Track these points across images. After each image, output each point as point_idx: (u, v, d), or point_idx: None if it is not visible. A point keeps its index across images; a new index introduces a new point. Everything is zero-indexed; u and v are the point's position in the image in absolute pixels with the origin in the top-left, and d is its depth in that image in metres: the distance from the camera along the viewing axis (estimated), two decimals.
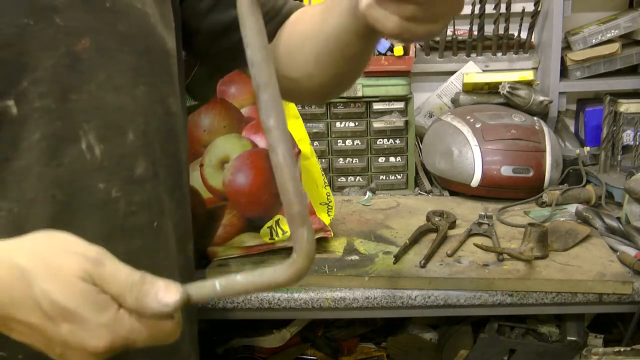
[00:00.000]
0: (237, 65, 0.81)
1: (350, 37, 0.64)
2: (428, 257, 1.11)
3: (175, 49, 0.72)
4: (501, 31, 1.62)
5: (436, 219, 1.25)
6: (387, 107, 1.51)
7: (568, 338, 1.19)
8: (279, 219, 1.13)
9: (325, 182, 1.23)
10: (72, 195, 0.60)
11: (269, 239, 1.13)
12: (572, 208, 1.33)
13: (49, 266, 0.48)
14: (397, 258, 1.12)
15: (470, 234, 1.22)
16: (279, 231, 1.12)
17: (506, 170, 1.38)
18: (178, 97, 0.72)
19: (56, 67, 0.59)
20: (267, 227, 1.12)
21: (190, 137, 1.13)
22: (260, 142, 1.13)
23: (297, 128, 1.17)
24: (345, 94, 1.49)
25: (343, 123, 1.52)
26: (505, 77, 1.54)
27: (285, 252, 1.15)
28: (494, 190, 1.41)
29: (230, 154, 1.12)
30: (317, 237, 1.16)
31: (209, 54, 0.83)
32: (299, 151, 1.14)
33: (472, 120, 1.44)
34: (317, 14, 0.71)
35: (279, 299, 1.07)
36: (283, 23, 0.78)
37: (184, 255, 0.77)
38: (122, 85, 0.63)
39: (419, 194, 1.53)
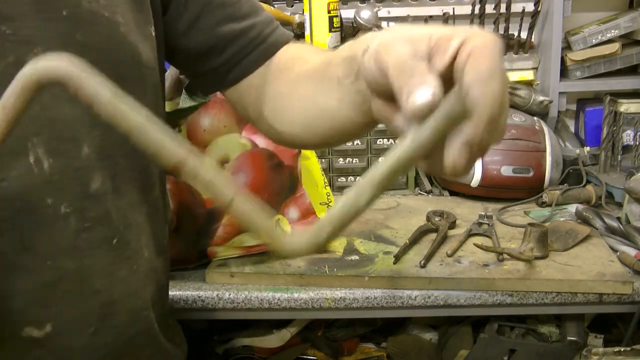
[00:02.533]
0: (219, 88, 0.77)
1: (352, 125, 0.59)
2: (428, 257, 1.11)
3: (154, 59, 0.68)
4: (501, 31, 1.62)
5: (436, 219, 1.25)
6: None
7: (568, 338, 1.19)
8: (279, 219, 1.13)
9: (325, 182, 1.24)
10: (18, 212, 0.57)
11: None
12: (572, 208, 1.33)
13: None
14: (397, 258, 1.12)
15: (470, 234, 1.22)
16: (280, 231, 1.12)
17: (506, 170, 1.38)
18: (153, 109, 0.67)
19: (3, 77, 0.55)
20: None
21: (190, 137, 1.13)
22: (261, 142, 1.13)
23: None
24: None
25: None
26: None
27: None
28: (494, 190, 1.41)
29: (230, 154, 1.12)
30: None
31: (191, 74, 0.81)
32: (300, 151, 1.14)
33: None
34: (315, 75, 0.64)
35: (279, 299, 1.07)
36: (270, 54, 0.74)
37: (158, 269, 0.73)
38: None
39: (419, 194, 1.53)
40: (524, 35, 1.63)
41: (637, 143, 1.48)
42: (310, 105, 0.65)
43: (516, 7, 1.60)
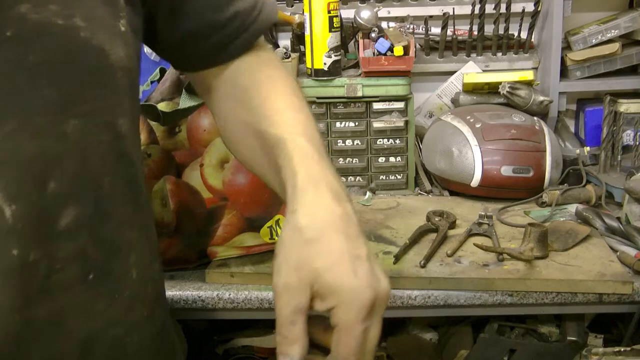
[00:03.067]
0: (197, 68, 0.76)
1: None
2: (428, 257, 1.11)
3: (128, 56, 0.60)
4: (501, 31, 1.62)
5: (436, 219, 1.25)
6: (387, 107, 1.51)
7: (568, 338, 1.19)
8: (279, 219, 1.13)
9: None
10: None
11: (269, 239, 1.13)
12: (572, 208, 1.33)
13: None
14: (397, 258, 1.12)
15: (470, 234, 1.22)
16: (279, 231, 1.12)
17: (506, 170, 1.38)
18: (130, 114, 0.62)
19: None
20: (267, 227, 1.13)
21: (190, 137, 1.13)
22: None
23: None
24: (345, 94, 1.49)
25: (343, 123, 1.52)
26: (505, 77, 1.54)
27: None
28: (494, 190, 1.41)
29: (230, 154, 1.12)
30: None
31: (171, 56, 0.77)
32: None
33: (472, 120, 1.44)
34: (258, 142, 0.69)
35: None
36: (250, 44, 0.74)
37: (152, 280, 0.68)
38: (42, 127, 0.52)
39: (419, 194, 1.53)
40: (524, 35, 1.63)
41: (637, 143, 1.48)
42: (250, 160, 0.73)
43: (516, 7, 1.60)
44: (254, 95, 0.72)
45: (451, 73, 1.68)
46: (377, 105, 1.50)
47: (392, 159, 1.55)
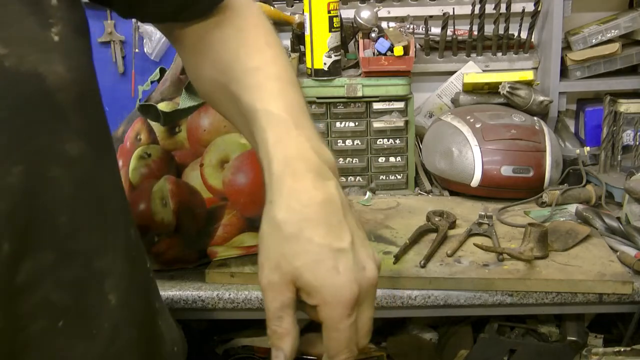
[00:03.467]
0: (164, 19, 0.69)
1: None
2: (428, 257, 1.11)
3: (67, 70, 0.52)
4: (501, 31, 1.62)
5: (436, 219, 1.25)
6: (387, 107, 1.51)
7: (568, 338, 1.19)
8: None
9: None
10: None
11: None
12: (572, 208, 1.33)
13: None
14: (397, 258, 1.12)
15: (470, 234, 1.22)
16: None
17: (506, 170, 1.38)
18: (80, 132, 0.54)
19: None
20: None
21: (190, 137, 1.13)
22: None
23: None
24: (345, 94, 1.49)
25: (343, 123, 1.52)
26: (505, 77, 1.54)
27: None
28: (494, 190, 1.41)
29: (230, 154, 1.13)
30: None
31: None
32: None
33: (472, 120, 1.44)
34: (229, 94, 0.64)
35: None
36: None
37: (136, 302, 0.63)
38: None
39: (419, 194, 1.53)
40: (524, 35, 1.63)
41: (637, 143, 1.48)
42: (229, 118, 0.68)
43: (516, 7, 1.60)
44: (223, 52, 0.66)
45: (451, 73, 1.68)
46: (377, 105, 1.50)
47: (392, 159, 1.55)
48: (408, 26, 1.63)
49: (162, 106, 1.12)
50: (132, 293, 0.62)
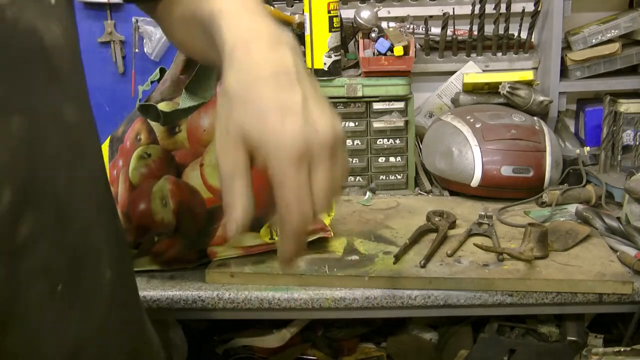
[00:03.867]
0: None
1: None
2: (428, 257, 1.11)
3: (64, 34, 0.54)
4: (501, 31, 1.62)
5: (436, 219, 1.25)
6: (387, 107, 1.51)
7: (568, 338, 1.19)
8: None
9: None
10: None
11: (269, 239, 1.13)
12: (572, 208, 1.33)
13: None
14: (397, 258, 1.12)
15: (470, 234, 1.22)
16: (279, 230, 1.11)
17: (506, 170, 1.38)
18: (76, 99, 0.56)
19: None
20: (267, 227, 1.13)
21: (190, 137, 1.13)
22: None
23: None
24: (345, 94, 1.49)
25: (343, 123, 1.52)
26: (505, 77, 1.54)
27: None
28: (494, 190, 1.41)
29: None
30: (316, 237, 1.16)
31: None
32: None
33: (472, 120, 1.44)
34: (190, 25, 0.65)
35: (279, 299, 1.07)
36: None
37: (122, 280, 0.64)
38: None
39: (419, 194, 1.53)
40: (524, 35, 1.64)
41: (637, 143, 1.48)
42: (204, 54, 0.66)
43: (516, 7, 1.60)
44: None
45: (451, 73, 1.68)
46: (377, 105, 1.50)
47: (392, 159, 1.55)
48: (408, 26, 1.63)
49: (162, 106, 1.11)
50: (124, 279, 0.63)
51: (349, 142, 1.53)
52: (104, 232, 0.59)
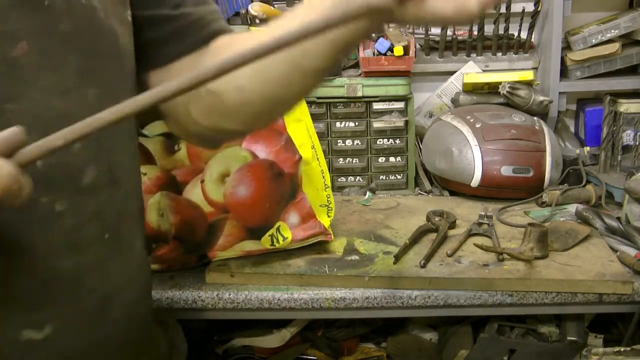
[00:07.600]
0: (151, 65, 0.71)
1: (319, 45, 0.57)
2: (428, 257, 1.11)
3: (130, 44, 0.66)
4: (501, 31, 1.62)
5: (436, 219, 1.25)
6: (387, 107, 1.51)
7: (568, 338, 1.19)
8: (279, 226, 1.12)
9: (325, 185, 1.22)
10: (14, 211, 0.52)
11: (270, 245, 1.12)
12: (572, 208, 1.33)
13: None
14: (397, 258, 1.12)
15: (470, 234, 1.22)
16: (280, 238, 1.11)
17: (506, 170, 1.38)
18: (130, 97, 0.64)
19: None
20: (269, 235, 1.12)
21: (191, 154, 1.12)
22: (260, 152, 1.12)
23: (299, 132, 1.15)
24: (345, 94, 1.49)
25: (343, 123, 1.52)
26: (505, 77, 1.54)
27: (285, 252, 1.15)
28: (494, 190, 1.41)
29: (230, 168, 1.11)
30: (317, 240, 1.16)
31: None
32: (300, 157, 1.13)
33: (472, 120, 1.44)
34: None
35: (279, 299, 1.07)
36: (208, 38, 0.70)
37: (146, 261, 0.75)
38: (70, 89, 0.58)
39: (419, 194, 1.53)
40: (524, 35, 1.63)
41: (637, 143, 1.48)
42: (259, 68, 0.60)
43: (516, 7, 1.60)
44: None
45: (451, 73, 1.68)
46: (377, 105, 1.50)
47: (392, 159, 1.55)
48: (408, 26, 1.63)
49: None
50: (145, 261, 0.72)
51: (349, 142, 1.54)
52: (137, 206, 0.70)
